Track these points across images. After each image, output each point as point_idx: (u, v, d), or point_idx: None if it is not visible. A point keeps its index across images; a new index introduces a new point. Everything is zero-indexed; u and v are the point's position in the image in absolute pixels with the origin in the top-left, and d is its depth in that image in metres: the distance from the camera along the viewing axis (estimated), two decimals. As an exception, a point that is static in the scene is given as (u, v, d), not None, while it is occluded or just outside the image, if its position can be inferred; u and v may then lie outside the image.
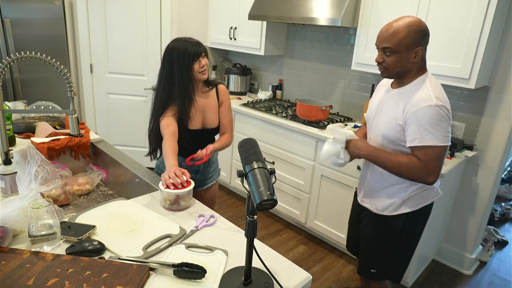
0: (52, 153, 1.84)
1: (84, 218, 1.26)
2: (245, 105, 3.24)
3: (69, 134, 1.98)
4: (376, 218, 1.63)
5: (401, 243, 1.63)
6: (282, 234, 2.95)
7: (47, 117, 2.17)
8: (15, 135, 1.94)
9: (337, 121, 2.84)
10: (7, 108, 1.91)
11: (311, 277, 1.09)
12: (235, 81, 3.66)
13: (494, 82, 2.28)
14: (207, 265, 1.04)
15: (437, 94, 1.38)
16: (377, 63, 1.47)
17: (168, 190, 1.36)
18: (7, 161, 1.35)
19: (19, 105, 2.26)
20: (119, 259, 1.05)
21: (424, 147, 1.38)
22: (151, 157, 1.86)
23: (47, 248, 1.08)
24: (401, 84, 1.48)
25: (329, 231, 2.70)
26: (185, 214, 1.37)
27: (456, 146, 2.32)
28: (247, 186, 0.92)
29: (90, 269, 0.99)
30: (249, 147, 0.99)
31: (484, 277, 2.60)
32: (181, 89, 1.69)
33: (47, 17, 3.12)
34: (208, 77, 1.81)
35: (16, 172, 1.34)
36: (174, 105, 1.71)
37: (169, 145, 1.59)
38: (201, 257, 1.11)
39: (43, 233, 1.07)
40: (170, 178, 1.38)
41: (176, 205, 1.38)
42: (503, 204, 3.62)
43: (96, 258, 1.06)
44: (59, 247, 1.11)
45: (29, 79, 3.15)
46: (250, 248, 0.96)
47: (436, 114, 1.35)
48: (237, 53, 3.95)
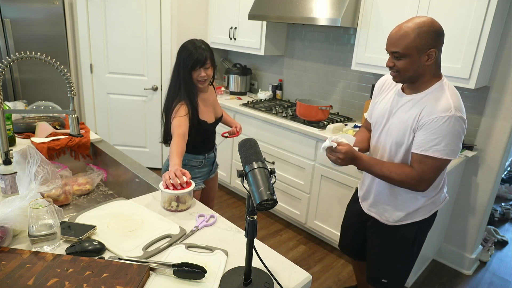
0: (52, 153, 1.84)
1: (84, 218, 1.26)
2: (245, 105, 3.24)
3: (69, 134, 1.98)
4: (387, 228, 1.58)
5: (413, 251, 1.60)
6: (282, 234, 2.95)
7: (47, 117, 2.17)
8: (15, 135, 1.94)
9: (337, 121, 2.84)
10: (7, 108, 1.91)
11: (311, 277, 1.09)
12: (235, 81, 3.66)
13: (494, 82, 2.28)
14: (207, 265, 1.04)
15: (456, 103, 1.31)
16: (388, 67, 1.40)
17: (168, 190, 1.36)
18: (7, 161, 1.35)
19: (19, 105, 2.26)
20: (119, 259, 1.05)
21: (426, 157, 1.33)
22: (166, 144, 1.90)
23: (47, 248, 1.08)
24: (416, 90, 1.40)
25: (329, 231, 2.70)
26: (185, 214, 1.37)
27: (456, 146, 2.32)
28: (247, 186, 0.92)
29: (90, 269, 0.99)
30: (249, 147, 0.99)
31: (484, 277, 2.60)
32: (186, 91, 1.76)
33: (47, 17, 3.13)
34: (213, 79, 1.91)
35: (16, 172, 1.34)
36: (183, 102, 1.75)
37: (176, 146, 1.60)
38: (201, 257, 1.11)
39: (43, 233, 1.07)
40: (170, 179, 1.38)
41: (176, 205, 1.38)
42: (503, 204, 3.62)
43: (96, 258, 1.06)
44: (59, 247, 1.11)
45: (29, 79, 3.15)
46: (250, 248, 0.96)
47: (451, 126, 1.29)
48: (237, 53, 3.95)
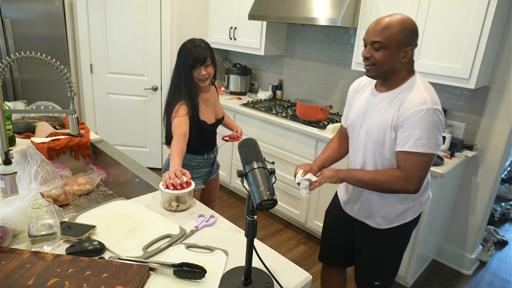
0: (52, 153, 1.84)
1: (84, 218, 1.26)
2: (245, 105, 3.24)
3: (69, 134, 1.98)
4: (378, 232, 1.55)
5: (404, 251, 1.60)
6: (282, 234, 2.95)
7: (47, 117, 2.17)
8: (15, 135, 1.94)
9: (337, 121, 2.83)
10: (7, 108, 1.91)
11: (311, 277, 1.09)
12: (235, 81, 3.66)
13: (494, 82, 2.28)
14: (207, 265, 1.04)
15: (432, 97, 1.31)
16: (364, 58, 1.36)
17: (168, 190, 1.36)
18: (7, 161, 1.35)
19: (19, 105, 2.26)
20: (119, 259, 1.05)
21: (410, 153, 1.30)
22: (168, 145, 1.90)
23: (47, 248, 1.08)
24: (390, 87, 1.39)
25: (329, 231, 2.70)
26: (185, 214, 1.37)
27: (456, 146, 2.32)
28: (247, 186, 0.92)
29: (90, 269, 0.99)
30: (249, 147, 0.99)
31: (484, 277, 2.60)
32: (187, 90, 1.76)
33: (47, 17, 3.13)
34: (214, 79, 1.91)
35: (16, 172, 1.34)
36: (184, 102, 1.75)
37: (176, 145, 1.60)
38: (201, 257, 1.11)
39: (43, 233, 1.07)
40: (170, 179, 1.38)
41: (176, 205, 1.38)
42: (503, 204, 3.62)
43: (96, 258, 1.06)
44: (59, 247, 1.11)
45: (29, 79, 3.15)
46: (250, 248, 0.96)
47: (430, 119, 1.27)
48: (237, 53, 3.95)
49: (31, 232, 1.06)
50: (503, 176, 3.90)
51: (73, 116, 1.38)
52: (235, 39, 3.42)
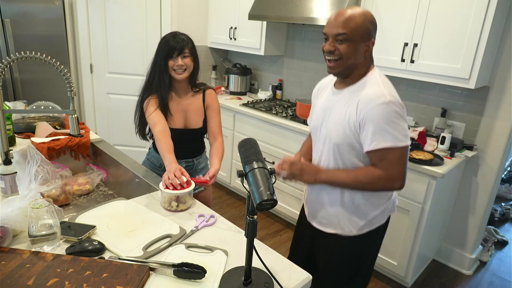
0: (52, 153, 1.84)
1: (84, 218, 1.26)
2: (245, 105, 3.24)
3: (69, 134, 1.98)
4: (350, 239, 1.43)
5: (376, 255, 1.53)
6: (282, 234, 2.94)
7: (47, 117, 2.17)
8: (15, 135, 1.94)
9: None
10: (7, 108, 1.91)
11: (311, 277, 1.09)
12: (235, 81, 3.66)
13: (494, 82, 2.28)
14: (207, 265, 1.04)
15: (389, 90, 1.25)
16: (327, 53, 1.28)
17: (168, 190, 1.36)
18: (7, 161, 1.35)
19: (19, 105, 2.26)
20: (119, 259, 1.05)
21: (383, 150, 1.24)
22: (139, 136, 1.89)
23: (47, 248, 1.08)
24: (349, 83, 1.33)
25: (329, 231, 2.70)
26: (185, 214, 1.37)
27: (456, 146, 2.32)
28: (247, 186, 0.92)
29: (90, 269, 0.99)
30: (249, 147, 0.99)
31: (484, 277, 2.60)
32: (159, 81, 1.69)
33: (47, 17, 3.12)
34: (194, 79, 1.76)
35: (16, 172, 1.34)
36: (154, 96, 1.70)
37: (162, 143, 1.58)
38: (201, 257, 1.11)
39: (43, 233, 1.07)
40: (169, 179, 1.38)
41: (176, 205, 1.38)
42: (503, 204, 3.62)
43: (96, 258, 1.06)
44: (59, 247, 1.11)
45: (29, 79, 3.15)
46: (250, 248, 0.96)
47: (392, 111, 1.21)
48: (237, 53, 3.95)
49: (31, 232, 1.06)
50: (503, 176, 3.90)
51: (73, 116, 1.38)
52: (235, 39, 3.42)
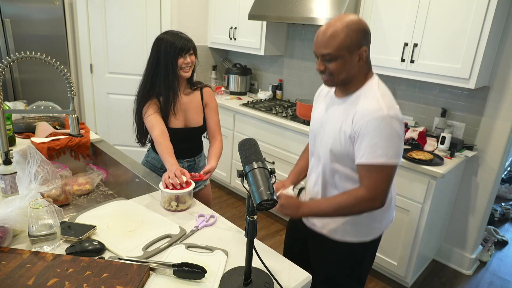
0: (52, 153, 1.84)
1: (84, 218, 1.26)
2: (245, 105, 3.24)
3: (69, 134, 1.98)
4: (337, 244, 1.42)
5: (367, 270, 1.51)
6: (282, 234, 2.94)
7: (47, 117, 2.17)
8: (15, 135, 1.94)
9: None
10: (7, 108, 1.91)
11: (311, 277, 1.09)
12: (235, 81, 3.66)
13: (494, 82, 2.28)
14: (207, 265, 1.04)
15: (387, 103, 1.21)
16: (319, 72, 1.28)
17: (168, 190, 1.36)
18: (7, 161, 1.35)
19: (19, 105, 2.26)
20: (119, 259, 1.05)
21: (373, 167, 1.21)
22: (139, 144, 1.87)
23: (47, 248, 1.08)
24: (348, 92, 1.30)
25: (329, 231, 2.70)
26: (185, 214, 1.37)
27: (456, 146, 2.32)
28: (247, 186, 0.92)
29: (90, 269, 0.99)
30: (249, 147, 0.99)
31: (484, 277, 2.60)
32: (166, 81, 1.66)
33: (47, 17, 3.12)
34: (192, 78, 1.78)
35: (16, 172, 1.34)
36: (156, 98, 1.69)
37: (162, 147, 1.58)
38: (201, 257, 1.11)
39: (43, 233, 1.07)
40: (170, 179, 1.38)
41: (176, 205, 1.38)
42: (503, 204, 3.62)
43: (96, 258, 1.06)
44: (59, 247, 1.11)
45: (29, 79, 3.15)
46: (250, 248, 0.96)
47: (388, 127, 1.18)
48: (237, 53, 3.95)
49: (31, 232, 1.06)
50: (503, 176, 3.90)
51: (73, 116, 1.38)
52: (235, 39, 3.42)
